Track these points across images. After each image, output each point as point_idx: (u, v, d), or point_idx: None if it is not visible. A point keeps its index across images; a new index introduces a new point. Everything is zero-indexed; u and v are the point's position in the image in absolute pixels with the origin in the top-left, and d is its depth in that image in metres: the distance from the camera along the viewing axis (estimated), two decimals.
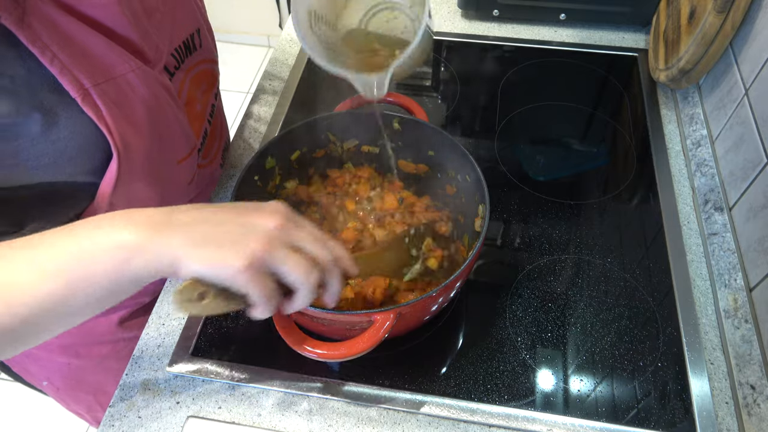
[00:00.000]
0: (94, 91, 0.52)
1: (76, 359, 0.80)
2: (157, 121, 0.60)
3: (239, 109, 2.40)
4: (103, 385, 0.85)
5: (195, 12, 0.70)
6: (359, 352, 0.55)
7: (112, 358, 0.81)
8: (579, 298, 0.73)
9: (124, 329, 0.79)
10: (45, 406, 1.58)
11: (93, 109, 0.52)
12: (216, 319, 0.71)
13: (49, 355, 0.79)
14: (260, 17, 2.59)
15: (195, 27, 0.70)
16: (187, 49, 0.68)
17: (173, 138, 0.64)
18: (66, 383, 0.84)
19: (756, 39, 0.77)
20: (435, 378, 0.66)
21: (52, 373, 0.83)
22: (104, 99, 0.53)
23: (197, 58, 0.71)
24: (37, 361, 0.81)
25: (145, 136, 0.58)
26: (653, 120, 0.94)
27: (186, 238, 0.44)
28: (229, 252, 0.44)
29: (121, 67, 0.55)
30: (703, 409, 0.63)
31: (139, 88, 0.57)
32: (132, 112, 0.56)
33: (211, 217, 0.47)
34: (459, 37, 1.10)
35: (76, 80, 0.50)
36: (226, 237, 0.45)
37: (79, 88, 0.51)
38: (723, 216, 0.77)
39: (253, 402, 0.65)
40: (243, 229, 0.46)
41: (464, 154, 0.70)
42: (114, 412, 0.65)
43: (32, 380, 0.86)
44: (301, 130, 0.74)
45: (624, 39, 1.10)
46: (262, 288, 0.46)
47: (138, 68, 0.57)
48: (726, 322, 0.69)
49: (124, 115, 0.55)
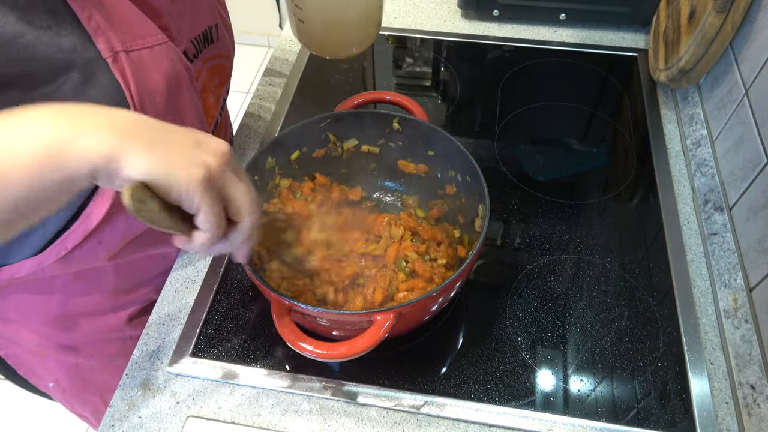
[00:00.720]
0: (124, 56, 0.53)
1: (84, 359, 0.80)
2: (174, 98, 0.61)
3: (239, 109, 2.40)
4: (110, 384, 0.84)
5: (214, 8, 0.72)
6: (359, 351, 0.55)
7: (120, 356, 0.81)
8: (579, 298, 0.73)
9: (133, 327, 0.79)
10: (45, 408, 1.58)
11: (121, 72, 0.53)
12: (216, 319, 0.71)
13: (57, 356, 0.79)
14: (260, 17, 2.59)
15: (213, 21, 0.72)
16: (206, 40, 0.70)
17: (187, 117, 0.65)
18: (73, 384, 0.84)
19: (756, 39, 0.77)
20: (435, 378, 0.66)
21: (60, 374, 0.83)
22: (131, 65, 0.54)
23: (214, 51, 0.73)
24: (45, 362, 0.81)
25: (161, 110, 0.59)
26: (653, 120, 0.94)
27: (132, 135, 0.40)
28: (183, 159, 0.41)
29: (150, 38, 0.56)
30: (703, 409, 0.63)
31: (162, 62, 0.58)
32: (153, 83, 0.57)
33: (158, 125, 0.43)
34: (459, 37, 1.10)
35: (108, 42, 0.52)
36: (178, 145, 0.42)
37: (110, 50, 0.52)
38: (723, 216, 0.77)
39: (253, 402, 0.65)
40: (195, 143, 0.43)
41: (464, 154, 0.70)
42: (114, 412, 0.65)
43: (38, 382, 0.86)
44: (301, 130, 0.74)
45: (624, 39, 1.10)
46: (213, 206, 0.43)
47: (164, 42, 0.58)
48: (726, 322, 0.69)
49: (146, 85, 0.56)
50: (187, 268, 0.77)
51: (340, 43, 0.85)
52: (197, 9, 0.68)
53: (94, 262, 0.67)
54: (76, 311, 0.74)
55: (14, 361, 0.82)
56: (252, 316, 0.72)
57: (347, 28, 0.82)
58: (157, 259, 0.77)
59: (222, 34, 0.75)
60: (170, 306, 0.73)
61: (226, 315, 0.72)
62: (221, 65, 0.76)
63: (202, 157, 0.42)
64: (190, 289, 0.75)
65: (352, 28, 0.83)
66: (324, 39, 0.84)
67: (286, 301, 0.57)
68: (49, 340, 0.76)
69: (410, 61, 1.09)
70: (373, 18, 0.85)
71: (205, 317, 0.71)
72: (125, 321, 0.78)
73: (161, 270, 0.78)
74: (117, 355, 0.81)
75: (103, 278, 0.72)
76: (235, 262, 0.68)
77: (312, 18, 0.80)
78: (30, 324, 0.74)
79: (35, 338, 0.76)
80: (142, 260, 0.74)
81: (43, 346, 0.77)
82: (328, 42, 0.85)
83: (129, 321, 0.79)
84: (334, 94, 1.01)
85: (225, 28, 0.76)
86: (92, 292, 0.73)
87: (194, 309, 0.72)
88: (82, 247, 0.63)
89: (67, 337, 0.76)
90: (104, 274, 0.72)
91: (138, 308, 0.79)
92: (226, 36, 0.76)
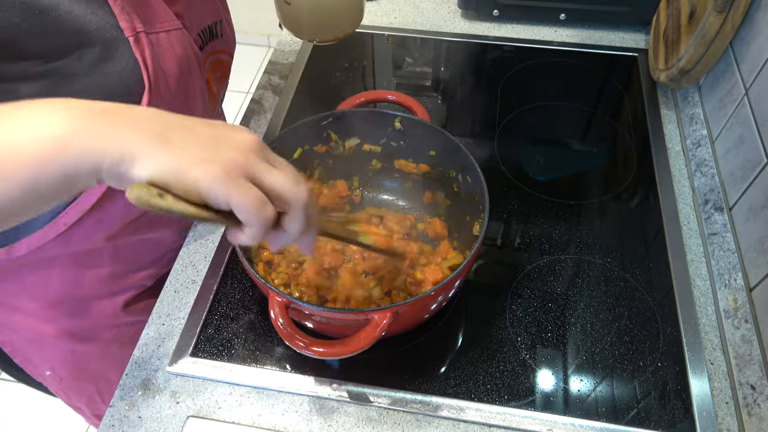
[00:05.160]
0: (144, 36, 0.56)
1: (80, 344, 0.81)
2: (185, 80, 0.63)
3: (239, 108, 2.40)
4: (106, 372, 0.85)
5: (217, 5, 0.75)
6: (356, 350, 0.55)
7: (115, 343, 0.82)
8: (579, 298, 0.73)
9: (128, 313, 0.80)
10: (45, 408, 1.58)
11: (141, 52, 0.56)
12: (216, 319, 0.71)
13: (53, 342, 0.79)
14: (260, 17, 2.59)
15: (218, 17, 0.75)
16: (211, 34, 0.72)
17: (195, 102, 0.67)
18: (70, 372, 0.85)
19: (756, 39, 0.77)
20: (435, 378, 0.66)
21: (56, 362, 0.83)
22: (150, 47, 0.57)
23: (218, 46, 0.75)
24: (42, 349, 0.81)
25: (173, 91, 0.61)
26: (653, 120, 0.94)
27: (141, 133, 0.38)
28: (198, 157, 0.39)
29: (167, 23, 0.59)
30: (703, 409, 0.63)
31: (177, 47, 0.60)
32: (168, 65, 0.59)
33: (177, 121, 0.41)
34: (459, 37, 1.10)
35: (131, 22, 0.55)
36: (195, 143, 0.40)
37: (132, 30, 0.55)
38: (723, 216, 0.77)
39: (253, 402, 0.65)
40: (215, 139, 0.41)
41: (465, 154, 0.70)
42: (114, 412, 0.65)
43: (34, 371, 0.86)
44: (302, 129, 0.74)
45: (624, 39, 1.10)
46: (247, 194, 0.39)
47: (179, 28, 0.61)
48: (726, 322, 0.69)
49: (161, 66, 0.58)
50: (187, 268, 0.77)
51: (327, 27, 0.85)
52: (204, 4, 0.71)
53: (92, 243, 0.68)
54: (72, 295, 0.75)
55: (11, 349, 0.82)
56: (252, 316, 0.72)
57: (334, 10, 0.83)
58: (152, 244, 0.78)
59: (225, 31, 0.77)
60: (170, 306, 0.73)
61: (226, 315, 0.72)
62: (223, 60, 0.79)
63: (221, 153, 0.40)
64: (190, 289, 0.75)
65: (340, 10, 0.83)
66: (310, 22, 0.84)
67: (283, 299, 0.57)
68: (46, 325, 0.77)
69: (410, 61, 1.09)
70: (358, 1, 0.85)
71: (205, 317, 0.71)
72: (121, 307, 0.79)
73: (156, 256, 0.80)
74: (111, 341, 0.82)
75: (100, 262, 0.73)
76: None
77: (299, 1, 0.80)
78: (27, 309, 0.75)
79: (32, 323, 0.77)
80: (139, 244, 0.75)
81: (39, 332, 0.78)
82: (315, 25, 0.84)
83: (124, 307, 0.80)
84: (334, 93, 1.01)
85: (228, 27, 0.79)
86: (89, 275, 0.74)
87: (194, 309, 0.72)
88: (81, 224, 0.64)
89: (64, 322, 0.77)
90: (101, 257, 0.72)
91: (133, 294, 0.80)
92: (228, 33, 0.79)
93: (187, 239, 0.80)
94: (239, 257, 0.62)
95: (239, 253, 0.61)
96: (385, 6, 1.18)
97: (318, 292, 0.69)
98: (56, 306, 0.75)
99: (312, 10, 0.81)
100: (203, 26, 0.70)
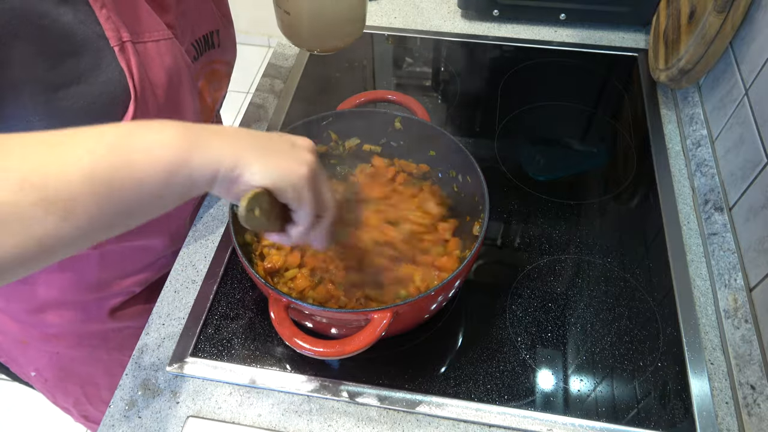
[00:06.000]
0: (130, 46, 0.55)
1: (65, 348, 0.81)
2: (174, 91, 0.62)
3: (239, 108, 2.40)
4: (92, 376, 0.85)
5: (214, 14, 0.74)
6: (355, 350, 0.55)
7: (101, 348, 0.82)
8: (579, 298, 0.73)
9: (115, 319, 0.80)
10: (38, 405, 1.58)
11: (126, 62, 0.55)
12: (216, 319, 0.71)
13: (38, 344, 0.79)
14: (260, 17, 2.59)
15: (215, 27, 0.73)
16: (206, 44, 0.71)
17: (185, 113, 0.66)
18: (54, 374, 0.85)
19: (756, 39, 0.77)
20: (435, 378, 0.66)
21: (41, 363, 0.83)
22: (136, 56, 0.56)
23: (214, 56, 0.74)
24: (27, 350, 0.81)
25: (161, 102, 0.60)
26: (653, 120, 0.94)
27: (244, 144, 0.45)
28: (290, 160, 0.46)
29: (156, 33, 0.58)
30: (703, 409, 0.63)
31: (166, 57, 0.59)
32: (156, 76, 0.59)
33: (258, 134, 0.48)
34: (459, 37, 1.10)
35: (117, 31, 0.54)
36: (281, 148, 0.47)
37: (118, 39, 0.54)
38: (723, 216, 0.77)
39: (253, 402, 0.65)
40: (292, 145, 0.48)
41: (465, 155, 0.70)
42: (114, 412, 0.65)
43: (20, 371, 0.86)
44: (303, 129, 0.74)
45: (624, 39, 1.10)
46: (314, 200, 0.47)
47: (169, 38, 0.60)
48: (726, 322, 0.69)
49: (149, 76, 0.58)
50: (187, 268, 0.77)
51: (327, 37, 0.85)
52: (200, 12, 0.69)
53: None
54: (58, 300, 0.74)
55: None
56: (252, 316, 0.72)
57: (334, 21, 0.82)
58: (140, 252, 0.77)
59: (223, 41, 0.75)
60: (170, 306, 0.73)
61: (226, 315, 0.72)
62: (220, 71, 0.77)
63: (302, 156, 0.47)
64: (190, 289, 0.75)
65: (340, 21, 0.82)
66: (310, 32, 0.83)
67: (283, 299, 0.57)
68: (32, 328, 0.77)
69: (410, 61, 1.09)
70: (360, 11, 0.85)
71: (205, 317, 0.71)
72: (107, 313, 0.79)
73: (144, 264, 0.79)
74: (98, 346, 0.82)
75: (87, 268, 0.72)
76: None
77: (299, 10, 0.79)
78: (12, 312, 0.75)
79: (17, 325, 0.76)
80: (126, 252, 0.75)
81: (25, 334, 0.78)
82: (314, 35, 0.84)
83: (111, 313, 0.79)
84: (334, 93, 1.01)
85: (228, 37, 0.77)
86: (75, 281, 0.73)
87: (194, 309, 0.72)
88: None
89: (50, 325, 0.77)
90: (87, 263, 0.72)
91: (120, 301, 0.79)
92: (227, 44, 0.77)
93: (187, 239, 0.80)
94: (239, 257, 0.62)
95: (239, 254, 0.61)
96: (385, 6, 1.18)
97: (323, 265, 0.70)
98: (42, 310, 0.75)
99: (311, 21, 0.81)
100: (198, 36, 0.69)
